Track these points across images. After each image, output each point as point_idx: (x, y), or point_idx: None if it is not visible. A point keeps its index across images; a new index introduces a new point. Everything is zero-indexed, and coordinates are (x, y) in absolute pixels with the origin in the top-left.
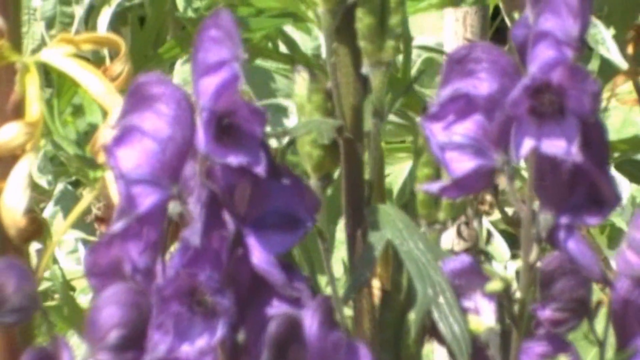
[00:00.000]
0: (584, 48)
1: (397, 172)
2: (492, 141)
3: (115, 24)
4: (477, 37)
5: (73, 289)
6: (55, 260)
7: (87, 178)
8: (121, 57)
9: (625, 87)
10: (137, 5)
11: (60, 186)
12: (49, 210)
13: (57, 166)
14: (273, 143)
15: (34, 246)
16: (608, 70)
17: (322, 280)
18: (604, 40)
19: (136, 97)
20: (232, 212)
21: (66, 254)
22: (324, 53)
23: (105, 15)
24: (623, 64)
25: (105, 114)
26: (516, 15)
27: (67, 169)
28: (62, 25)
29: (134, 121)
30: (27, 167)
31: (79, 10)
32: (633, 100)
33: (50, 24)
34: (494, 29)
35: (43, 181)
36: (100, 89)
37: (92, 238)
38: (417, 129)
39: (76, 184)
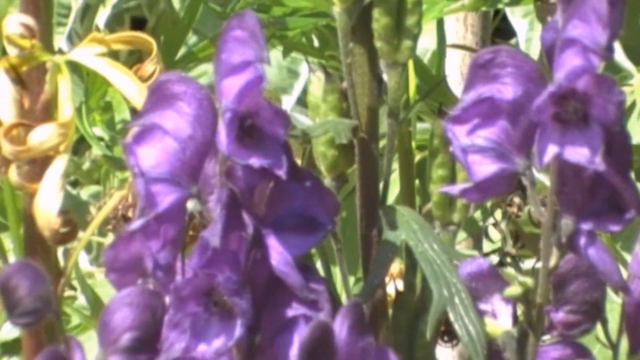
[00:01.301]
0: (611, 56)
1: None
2: (515, 146)
3: (112, 25)
4: (478, 37)
5: (74, 288)
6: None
7: (85, 178)
8: (153, 57)
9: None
10: (135, 7)
11: None
12: None
13: None
14: None
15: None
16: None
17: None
18: None
19: (157, 96)
20: (252, 213)
21: None
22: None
23: (102, 16)
24: (628, 65)
25: (135, 114)
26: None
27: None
28: (59, 16)
29: (155, 119)
30: (61, 169)
31: (76, 2)
32: None
33: None
34: (494, 28)
35: None
36: (132, 90)
37: (97, 239)
38: (433, 130)
39: (74, 184)
